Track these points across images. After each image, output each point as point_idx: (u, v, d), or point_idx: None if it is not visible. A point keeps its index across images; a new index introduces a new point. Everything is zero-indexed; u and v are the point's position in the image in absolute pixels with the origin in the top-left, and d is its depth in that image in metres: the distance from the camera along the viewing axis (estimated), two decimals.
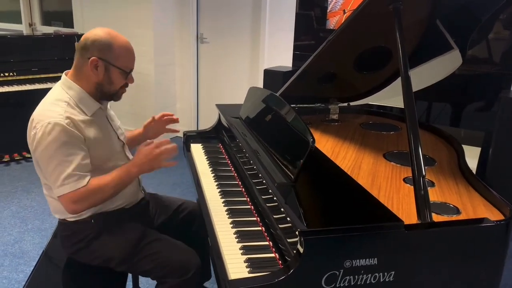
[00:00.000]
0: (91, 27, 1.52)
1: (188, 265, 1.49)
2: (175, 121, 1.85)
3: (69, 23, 5.04)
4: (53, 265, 1.64)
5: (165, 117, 1.83)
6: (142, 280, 2.14)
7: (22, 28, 5.66)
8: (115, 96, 1.56)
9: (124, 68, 1.50)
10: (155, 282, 1.56)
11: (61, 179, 1.38)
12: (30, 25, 5.56)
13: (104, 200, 1.47)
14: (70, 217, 1.53)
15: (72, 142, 1.40)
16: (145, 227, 1.59)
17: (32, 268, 1.65)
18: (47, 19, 5.59)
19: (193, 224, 1.82)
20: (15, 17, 5.76)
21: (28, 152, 3.85)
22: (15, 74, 3.78)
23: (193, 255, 1.55)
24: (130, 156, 1.68)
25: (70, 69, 1.54)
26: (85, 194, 1.40)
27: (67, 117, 1.40)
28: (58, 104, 1.44)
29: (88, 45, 1.45)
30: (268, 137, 1.69)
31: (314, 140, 1.36)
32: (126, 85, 1.56)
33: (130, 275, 1.89)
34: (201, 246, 1.78)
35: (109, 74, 1.48)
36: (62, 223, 1.57)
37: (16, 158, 3.89)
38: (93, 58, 1.44)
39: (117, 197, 1.54)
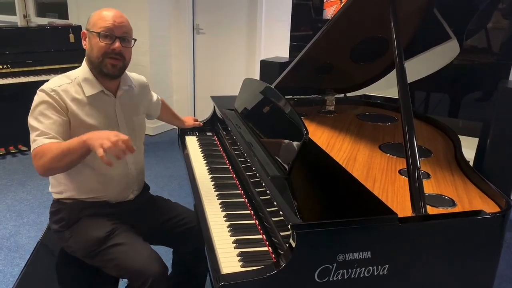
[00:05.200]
0: (86, 18, 1.57)
1: (146, 272, 1.39)
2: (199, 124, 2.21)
3: (64, 15, 4.99)
4: (48, 257, 1.64)
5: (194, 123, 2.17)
6: None
7: (16, 19, 5.60)
8: (103, 66, 1.50)
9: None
10: None
11: (32, 137, 1.41)
12: (25, 16, 5.50)
13: (54, 160, 1.34)
14: (54, 192, 1.61)
15: (50, 106, 1.44)
16: (116, 228, 1.53)
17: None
18: (41, 10, 5.53)
19: (190, 241, 1.72)
20: (9, 9, 5.70)
21: (24, 145, 3.88)
22: (9, 66, 3.73)
23: (156, 262, 1.44)
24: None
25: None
26: (40, 152, 1.36)
27: (54, 90, 1.46)
28: (61, 78, 1.52)
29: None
30: (262, 129, 1.67)
31: (307, 132, 1.34)
32: (111, 53, 1.49)
33: None
34: (196, 265, 1.81)
35: (90, 42, 1.52)
36: (53, 199, 1.64)
37: (12, 151, 3.87)
38: (82, 31, 1.56)
39: (90, 188, 1.56)
